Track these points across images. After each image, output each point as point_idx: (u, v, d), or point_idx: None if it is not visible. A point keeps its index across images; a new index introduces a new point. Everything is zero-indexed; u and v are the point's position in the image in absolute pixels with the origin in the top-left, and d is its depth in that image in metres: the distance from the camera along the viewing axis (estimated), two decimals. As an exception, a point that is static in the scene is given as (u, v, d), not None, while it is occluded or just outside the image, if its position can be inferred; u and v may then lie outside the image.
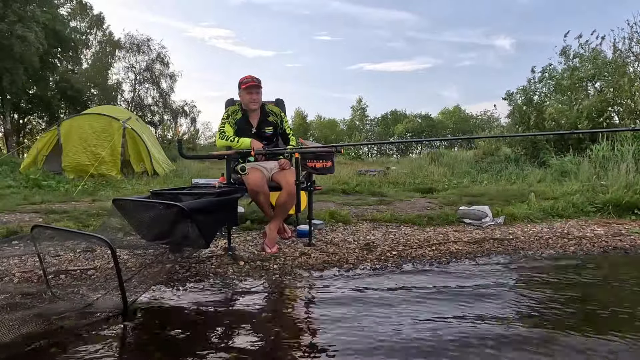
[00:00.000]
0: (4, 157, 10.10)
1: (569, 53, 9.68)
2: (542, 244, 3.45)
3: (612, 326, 1.88)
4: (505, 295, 2.28)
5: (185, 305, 2.11)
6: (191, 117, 28.36)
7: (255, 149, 3.01)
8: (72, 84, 20.99)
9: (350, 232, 3.62)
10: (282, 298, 2.33)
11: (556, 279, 2.62)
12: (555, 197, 5.08)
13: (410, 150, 28.62)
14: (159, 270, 2.27)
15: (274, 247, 3.01)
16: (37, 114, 23.54)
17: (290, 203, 3.02)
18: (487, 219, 4.07)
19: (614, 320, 1.97)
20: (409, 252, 3.11)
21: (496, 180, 7.69)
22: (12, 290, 2.19)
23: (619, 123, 8.56)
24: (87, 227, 3.44)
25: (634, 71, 8.61)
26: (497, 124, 12.31)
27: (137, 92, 26.42)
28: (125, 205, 2.50)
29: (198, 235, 2.28)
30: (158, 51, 26.08)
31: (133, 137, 8.15)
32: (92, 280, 2.42)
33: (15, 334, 1.65)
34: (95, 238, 2.05)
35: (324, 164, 3.30)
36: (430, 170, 9.37)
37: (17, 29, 14.20)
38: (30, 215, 3.90)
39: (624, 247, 3.40)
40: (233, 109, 3.29)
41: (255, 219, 3.84)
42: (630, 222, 4.23)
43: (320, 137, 38.46)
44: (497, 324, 1.89)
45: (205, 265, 2.70)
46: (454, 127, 39.59)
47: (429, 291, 2.33)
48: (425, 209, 4.74)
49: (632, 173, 5.49)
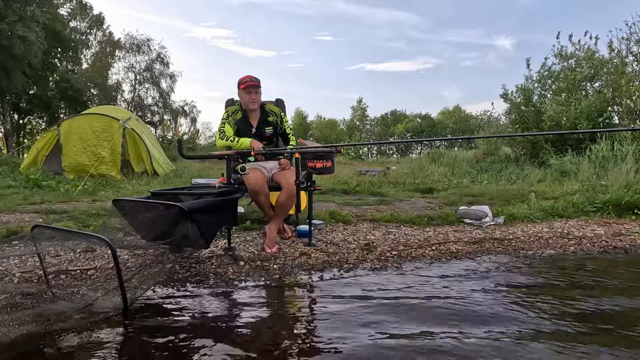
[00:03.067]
0: (4, 157, 10.10)
1: (564, 54, 9.69)
2: (542, 243, 3.45)
3: (612, 326, 1.88)
4: (505, 295, 2.28)
5: (185, 306, 2.10)
6: (191, 117, 28.42)
7: (255, 149, 3.01)
8: (72, 84, 21.01)
9: (350, 232, 3.62)
10: (282, 298, 2.33)
11: (556, 278, 2.61)
12: (555, 197, 5.08)
13: (410, 150, 28.66)
14: (159, 270, 2.27)
15: (274, 247, 3.01)
16: (37, 114, 23.55)
17: (290, 203, 3.02)
18: (487, 219, 4.07)
19: (614, 320, 1.97)
20: (409, 252, 3.11)
21: (496, 180, 7.69)
22: (12, 290, 2.19)
23: (619, 123, 8.56)
24: (87, 227, 3.44)
25: (633, 71, 8.62)
26: (497, 123, 12.25)
27: (137, 92, 26.45)
28: (125, 205, 2.50)
29: (198, 235, 2.28)
30: (158, 51, 26.13)
31: (133, 137, 8.14)
32: (92, 280, 2.42)
33: (15, 334, 1.65)
34: (96, 238, 2.05)
35: (324, 164, 3.30)
36: (430, 170, 9.37)
37: (17, 29, 14.20)
38: (30, 215, 3.90)
39: (624, 247, 3.40)
40: (233, 109, 3.29)
41: (255, 219, 3.84)
42: (630, 222, 4.23)
43: (320, 137, 38.48)
44: (497, 323, 1.89)
45: (205, 265, 2.70)
46: (454, 127, 39.58)
47: (429, 291, 2.33)
48: (425, 209, 4.74)
49: (632, 173, 5.49)
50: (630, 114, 8.24)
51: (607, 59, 8.93)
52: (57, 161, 7.80)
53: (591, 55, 9.13)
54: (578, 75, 9.01)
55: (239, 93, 3.22)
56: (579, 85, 9.31)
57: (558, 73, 9.73)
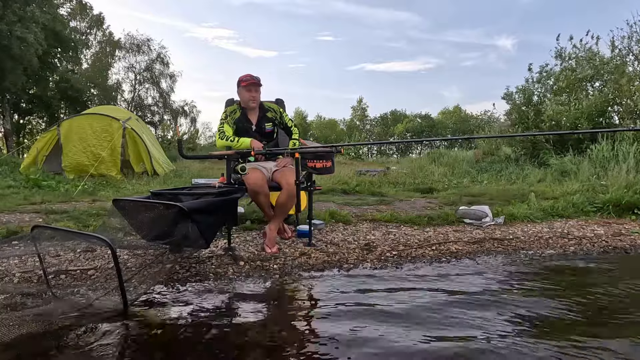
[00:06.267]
0: (4, 157, 10.10)
1: (564, 55, 9.69)
2: (542, 243, 3.45)
3: (612, 326, 1.88)
4: (504, 295, 2.28)
5: (185, 306, 2.10)
6: (191, 117, 28.44)
7: (255, 148, 3.01)
8: (72, 84, 21.02)
9: (350, 232, 3.62)
10: (282, 298, 2.32)
11: (556, 278, 2.61)
12: (555, 197, 5.08)
13: (410, 150, 28.62)
14: (159, 270, 2.26)
15: (274, 247, 3.01)
16: (37, 114, 23.56)
17: (290, 203, 3.02)
18: (487, 219, 4.07)
19: (614, 321, 1.97)
20: (409, 252, 3.11)
21: (496, 180, 7.69)
22: (12, 290, 2.18)
23: (619, 123, 8.56)
24: (87, 227, 3.44)
25: (634, 71, 8.62)
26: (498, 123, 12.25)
27: (137, 92, 26.46)
28: (125, 205, 2.50)
29: (198, 235, 2.28)
30: (158, 51, 26.14)
31: (133, 137, 8.14)
32: (92, 280, 2.42)
33: (15, 334, 1.65)
34: (96, 238, 2.05)
35: (324, 163, 3.29)
36: (430, 170, 9.36)
37: (16, 29, 14.20)
38: (30, 215, 3.90)
39: (624, 247, 3.40)
40: (231, 109, 3.30)
41: (255, 219, 3.84)
42: (630, 222, 4.23)
43: (320, 137, 38.45)
44: (497, 323, 1.89)
45: (205, 265, 2.70)
46: (454, 127, 39.55)
47: (428, 290, 2.33)
48: (425, 209, 4.74)
49: (632, 173, 5.49)
50: (631, 114, 8.24)
51: (608, 58, 8.93)
52: (57, 161, 7.80)
53: (592, 55, 9.13)
54: (579, 75, 9.01)
55: (239, 91, 3.23)
56: (580, 85, 9.32)
57: (559, 73, 9.73)
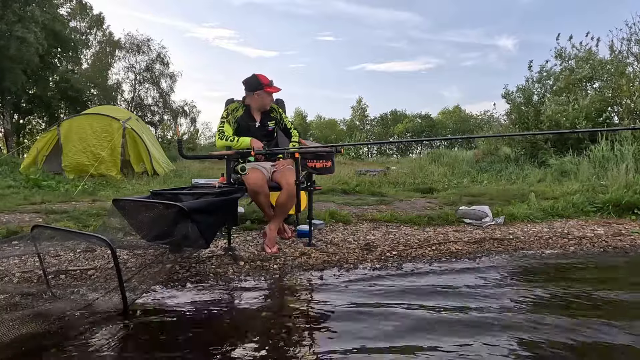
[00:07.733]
0: (4, 157, 10.10)
1: (564, 55, 9.70)
2: (542, 243, 3.45)
3: (612, 326, 1.88)
4: (504, 295, 2.28)
5: (185, 306, 2.10)
6: (191, 117, 28.41)
7: (255, 148, 3.01)
8: (72, 84, 21.02)
9: (350, 232, 3.62)
10: (282, 298, 2.32)
11: (556, 278, 2.61)
12: (555, 197, 5.08)
13: (410, 150, 28.58)
14: (159, 270, 2.26)
15: (274, 247, 3.01)
16: (37, 114, 23.55)
17: (290, 203, 3.02)
18: (487, 219, 4.07)
19: (614, 321, 1.97)
20: (409, 252, 3.11)
21: (496, 180, 7.69)
22: (12, 290, 2.18)
23: (619, 123, 8.56)
24: (87, 227, 3.44)
25: (633, 71, 8.62)
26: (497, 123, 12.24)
27: (137, 92, 26.45)
28: (125, 205, 2.50)
29: (198, 235, 2.28)
30: (158, 51, 26.12)
31: (133, 137, 8.14)
32: (92, 280, 2.42)
33: (15, 334, 1.65)
34: (95, 238, 2.05)
35: (324, 163, 3.29)
36: (430, 170, 9.36)
37: (16, 29, 14.19)
38: (30, 215, 3.90)
39: (624, 247, 3.40)
40: (233, 107, 3.29)
41: (255, 219, 3.84)
42: (630, 222, 4.23)
43: (320, 137, 38.42)
44: (497, 324, 1.89)
45: (205, 265, 2.70)
46: (454, 127, 39.53)
47: (428, 290, 2.33)
48: (425, 209, 4.74)
49: (632, 173, 5.49)
50: (630, 114, 8.24)
51: (608, 59, 8.93)
52: (57, 161, 7.80)
53: (590, 56, 9.14)
54: (578, 75, 9.02)
55: (259, 92, 3.19)
56: (579, 86, 9.32)
57: (558, 73, 9.74)
